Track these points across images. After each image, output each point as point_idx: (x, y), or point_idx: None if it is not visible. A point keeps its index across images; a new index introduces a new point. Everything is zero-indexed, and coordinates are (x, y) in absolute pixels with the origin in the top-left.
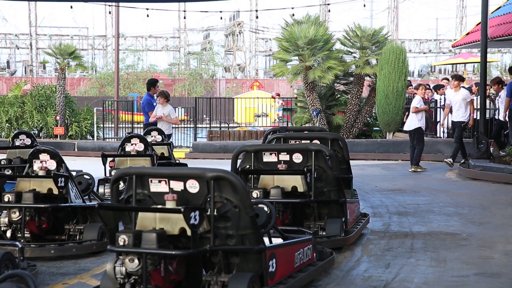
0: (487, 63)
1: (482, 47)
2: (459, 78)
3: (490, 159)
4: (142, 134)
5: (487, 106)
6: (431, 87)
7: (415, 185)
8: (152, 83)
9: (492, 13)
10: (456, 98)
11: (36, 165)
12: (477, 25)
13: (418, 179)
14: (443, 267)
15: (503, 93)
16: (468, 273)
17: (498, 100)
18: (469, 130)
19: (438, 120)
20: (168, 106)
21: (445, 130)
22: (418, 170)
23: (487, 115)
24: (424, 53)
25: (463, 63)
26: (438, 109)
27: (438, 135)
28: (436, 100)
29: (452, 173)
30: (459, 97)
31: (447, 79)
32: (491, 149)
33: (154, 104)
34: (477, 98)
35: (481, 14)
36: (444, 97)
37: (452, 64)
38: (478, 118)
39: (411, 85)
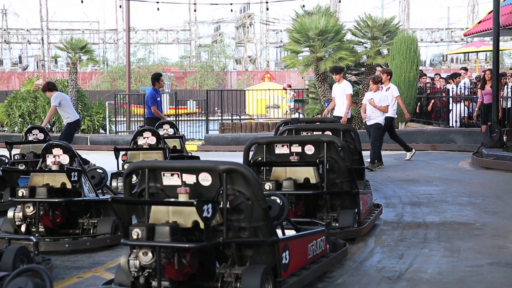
0: (500, 51)
1: (494, 35)
2: (338, 70)
3: (504, 148)
4: (153, 127)
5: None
6: (442, 77)
7: (428, 175)
8: (156, 78)
9: (504, 1)
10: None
11: (49, 160)
12: (489, 13)
13: (431, 169)
14: (457, 257)
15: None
16: (482, 262)
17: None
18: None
19: (450, 109)
20: (56, 95)
21: (457, 119)
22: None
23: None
24: (436, 42)
25: (475, 51)
26: (450, 99)
27: (450, 125)
28: (448, 90)
29: (465, 162)
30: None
31: (465, 69)
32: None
33: (158, 98)
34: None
35: (493, 2)
36: (458, 86)
37: (464, 53)
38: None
39: (424, 75)
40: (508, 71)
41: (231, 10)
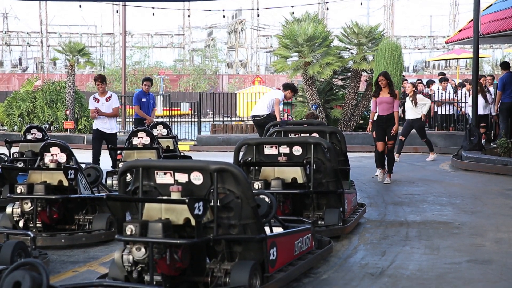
0: (479, 59)
1: (474, 43)
2: None
3: (482, 151)
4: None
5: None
6: (423, 82)
7: (410, 176)
8: (144, 80)
9: (483, 10)
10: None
11: (47, 158)
12: (470, 22)
13: (413, 170)
14: (437, 255)
15: None
16: (460, 260)
17: None
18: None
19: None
20: None
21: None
22: None
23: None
24: (419, 49)
25: (456, 58)
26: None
27: (431, 128)
28: (430, 95)
29: (445, 164)
30: None
31: (444, 74)
32: (483, 141)
33: (143, 99)
34: (457, 94)
35: (473, 11)
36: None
37: (446, 59)
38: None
39: (406, 80)
40: (488, 77)
41: (224, 16)
